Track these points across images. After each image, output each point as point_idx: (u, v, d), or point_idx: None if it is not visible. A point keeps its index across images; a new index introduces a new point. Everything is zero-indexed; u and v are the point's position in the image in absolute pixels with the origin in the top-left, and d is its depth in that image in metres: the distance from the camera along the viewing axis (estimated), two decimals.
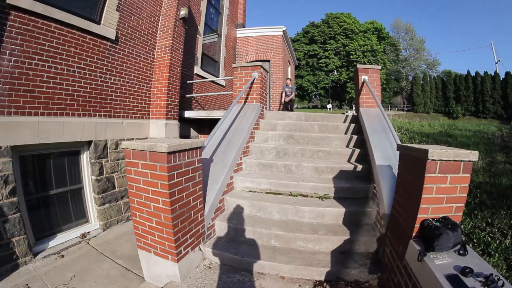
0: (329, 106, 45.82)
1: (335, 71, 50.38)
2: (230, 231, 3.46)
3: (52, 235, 4.64)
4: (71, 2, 4.83)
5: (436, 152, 1.92)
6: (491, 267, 1.74)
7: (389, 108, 47.88)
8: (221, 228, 3.52)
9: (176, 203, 2.69)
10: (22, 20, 4.01)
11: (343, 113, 6.27)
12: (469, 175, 2.02)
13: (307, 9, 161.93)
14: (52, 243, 4.49)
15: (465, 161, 1.98)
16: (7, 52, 3.87)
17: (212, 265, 3.13)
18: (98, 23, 5.24)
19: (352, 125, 5.26)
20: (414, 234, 2.05)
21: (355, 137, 4.91)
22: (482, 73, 39.31)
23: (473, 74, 40.22)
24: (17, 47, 3.98)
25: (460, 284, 1.55)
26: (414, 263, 1.93)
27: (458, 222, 1.99)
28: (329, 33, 51.50)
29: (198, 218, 3.12)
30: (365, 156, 4.42)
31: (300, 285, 2.75)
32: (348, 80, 49.50)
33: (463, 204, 2.09)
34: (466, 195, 2.07)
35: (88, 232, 5.07)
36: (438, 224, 1.90)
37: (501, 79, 38.08)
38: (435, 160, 1.94)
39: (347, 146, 4.89)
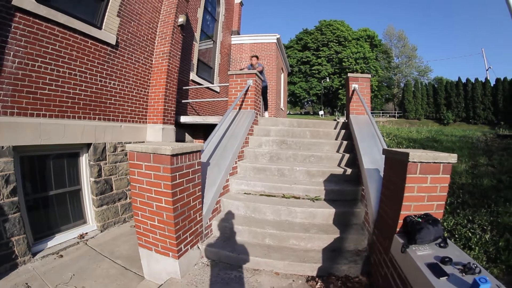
0: (321, 112, 46.19)
1: (328, 78, 50.92)
2: (227, 231, 3.62)
3: (50, 235, 4.67)
4: (74, 6, 4.95)
5: (416, 154, 2.13)
6: (469, 257, 1.93)
7: (381, 114, 48.49)
8: (218, 227, 3.67)
9: (178, 202, 2.85)
10: (26, 22, 4.09)
11: (335, 120, 6.45)
12: (449, 175, 2.23)
13: (301, 16, 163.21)
14: (50, 243, 4.53)
15: (445, 163, 2.19)
16: (11, 53, 3.94)
17: (210, 262, 3.28)
18: (100, 28, 5.36)
19: (343, 131, 5.49)
20: (398, 230, 2.26)
21: (345, 142, 5.13)
22: (473, 80, 40.08)
23: (464, 81, 40.97)
24: (21, 49, 4.05)
25: (439, 271, 1.72)
26: (398, 255, 2.12)
27: (439, 219, 2.19)
28: (322, 40, 52.11)
29: (197, 218, 3.28)
30: (354, 161, 4.63)
31: (293, 280, 2.92)
32: (340, 87, 50.05)
33: (444, 202, 2.30)
34: (446, 194, 2.28)
35: (86, 233, 5.10)
36: (419, 220, 2.09)
37: (491, 85, 38.82)
38: (416, 162, 2.15)
39: (338, 151, 5.09)
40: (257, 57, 8.47)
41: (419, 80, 50.23)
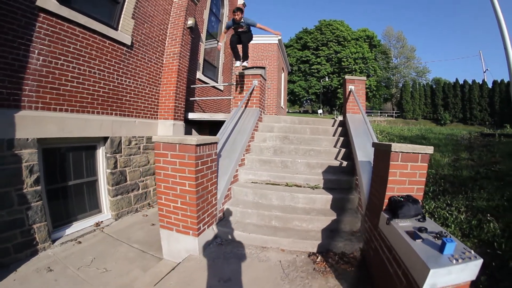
0: (320, 111, 46.44)
1: (327, 77, 51.22)
2: (237, 214, 4.09)
3: (68, 223, 4.91)
4: (93, 8, 5.22)
5: (397, 145, 2.62)
6: (442, 228, 2.36)
7: (379, 114, 48.98)
8: (229, 211, 4.14)
9: (199, 186, 3.31)
10: (49, 22, 4.34)
11: (333, 118, 6.86)
12: (427, 164, 2.71)
13: (301, 15, 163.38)
14: (68, 231, 4.75)
15: (422, 153, 2.67)
16: (36, 51, 4.17)
17: (224, 241, 3.74)
18: (116, 29, 5.67)
19: (340, 128, 5.98)
20: (384, 208, 2.72)
21: (341, 138, 5.62)
22: (470, 82, 40.67)
23: (461, 82, 41.50)
24: (45, 47, 4.29)
25: (416, 236, 2.17)
26: (384, 228, 2.59)
27: (418, 200, 2.64)
28: (321, 39, 52.41)
29: (213, 201, 3.75)
30: (349, 154, 5.11)
31: (297, 255, 3.39)
32: (339, 86, 50.30)
33: (423, 186, 2.78)
34: (425, 179, 2.77)
35: (102, 221, 5.35)
36: (401, 199, 2.56)
37: (488, 87, 39.34)
38: (397, 152, 2.63)
39: (335, 146, 5.59)
40: (241, 10, 6.18)
41: (417, 80, 50.74)
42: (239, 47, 6.49)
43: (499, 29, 5.73)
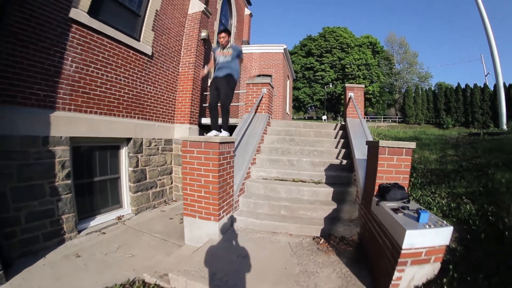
0: (324, 117, 46.57)
1: (331, 83, 51.42)
2: (250, 205, 4.67)
3: (92, 216, 5.34)
4: (118, 21, 5.75)
5: (384, 141, 3.19)
6: (422, 207, 2.86)
7: (382, 119, 49.30)
8: (243, 203, 4.72)
9: (221, 177, 3.89)
10: (81, 33, 4.82)
11: (337, 123, 7.42)
12: (410, 157, 3.28)
13: (305, 22, 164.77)
14: (92, 223, 5.17)
15: (406, 148, 3.24)
16: (70, 58, 4.64)
17: (239, 228, 4.30)
18: (138, 40, 6.25)
19: (340, 131, 6.62)
20: (375, 193, 3.28)
21: (342, 140, 6.23)
22: (472, 86, 40.77)
23: (463, 86, 41.73)
24: (77, 55, 4.77)
25: (398, 211, 2.70)
26: (375, 209, 3.13)
27: (404, 187, 3.18)
28: (325, 46, 52.70)
29: (231, 192, 4.31)
30: (349, 154, 5.69)
31: (303, 239, 3.94)
32: (343, 93, 49.91)
33: (408, 176, 3.34)
34: (409, 170, 3.33)
35: (123, 215, 5.80)
36: (389, 185, 3.11)
37: (490, 90, 39.34)
38: (384, 146, 3.20)
39: (336, 147, 6.18)
40: (228, 32, 5.34)
41: (419, 86, 50.88)
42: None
43: (486, 36, 6.27)
